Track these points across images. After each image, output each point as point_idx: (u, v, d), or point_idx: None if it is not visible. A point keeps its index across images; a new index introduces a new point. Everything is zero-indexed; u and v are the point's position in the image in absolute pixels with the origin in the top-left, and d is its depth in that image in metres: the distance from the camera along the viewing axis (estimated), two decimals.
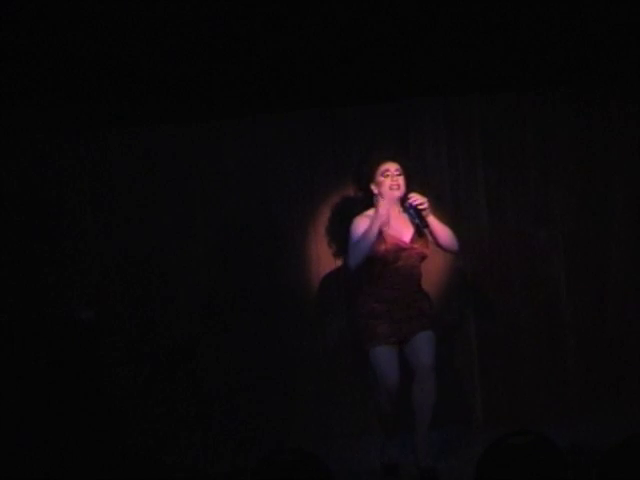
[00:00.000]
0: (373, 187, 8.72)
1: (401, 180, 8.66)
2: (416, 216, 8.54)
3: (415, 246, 8.62)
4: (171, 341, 10.01)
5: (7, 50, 9.46)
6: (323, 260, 10.14)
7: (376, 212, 8.66)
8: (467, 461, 7.97)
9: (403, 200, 8.65)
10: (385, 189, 8.62)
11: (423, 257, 8.71)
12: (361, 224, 8.72)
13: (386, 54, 9.90)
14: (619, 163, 10.07)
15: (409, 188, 8.70)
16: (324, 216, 10.02)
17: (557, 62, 9.85)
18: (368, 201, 8.91)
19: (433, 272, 9.56)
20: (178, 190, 10.18)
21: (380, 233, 8.60)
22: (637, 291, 10.08)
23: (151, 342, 10.07)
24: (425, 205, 8.51)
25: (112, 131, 10.18)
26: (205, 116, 10.34)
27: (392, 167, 8.69)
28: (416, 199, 8.55)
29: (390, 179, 8.65)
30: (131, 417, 9.82)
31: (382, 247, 8.56)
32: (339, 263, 9.75)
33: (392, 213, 8.69)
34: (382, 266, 8.59)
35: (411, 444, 8.77)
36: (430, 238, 8.70)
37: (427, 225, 8.54)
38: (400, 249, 8.59)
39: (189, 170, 10.19)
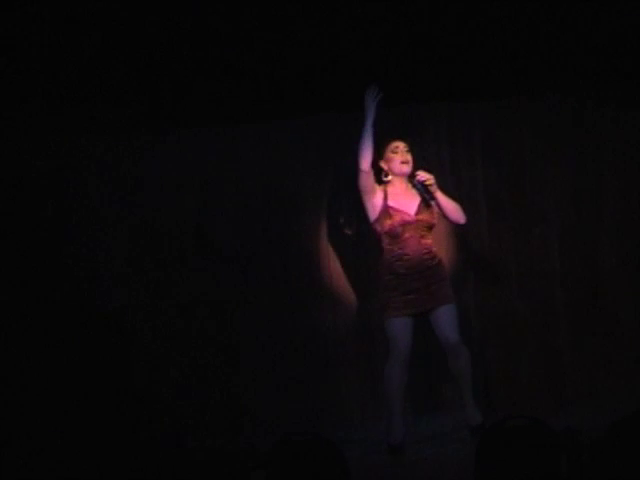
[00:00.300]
0: (382, 163, 9.18)
1: (410, 156, 9.12)
2: (424, 191, 9.02)
3: (421, 217, 9.02)
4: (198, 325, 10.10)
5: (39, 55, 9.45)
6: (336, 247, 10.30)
7: (374, 199, 9.11)
8: (468, 444, 8.40)
9: (411, 177, 9.12)
10: (395, 164, 9.08)
11: (430, 227, 9.12)
12: (373, 200, 9.11)
13: (392, 61, 9.94)
14: (610, 164, 10.26)
15: (415, 166, 9.23)
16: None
17: (553, 69, 9.95)
18: (379, 179, 9.44)
19: None
20: (200, 186, 10.32)
21: (386, 208, 9.04)
22: (628, 282, 10.22)
23: (177, 330, 10.16)
24: (432, 181, 8.97)
25: (143, 133, 10.25)
26: (222, 120, 10.41)
27: (401, 144, 9.16)
28: (423, 175, 9.00)
29: (400, 155, 9.09)
30: (157, 401, 9.90)
31: (388, 222, 9.02)
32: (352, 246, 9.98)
33: (397, 188, 9.16)
34: (391, 239, 9.00)
35: (414, 424, 9.28)
36: (437, 210, 9.14)
37: (435, 199, 9.02)
38: (406, 222, 8.97)
39: (214, 168, 10.31)
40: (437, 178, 9.60)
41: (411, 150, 9.26)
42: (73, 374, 9.56)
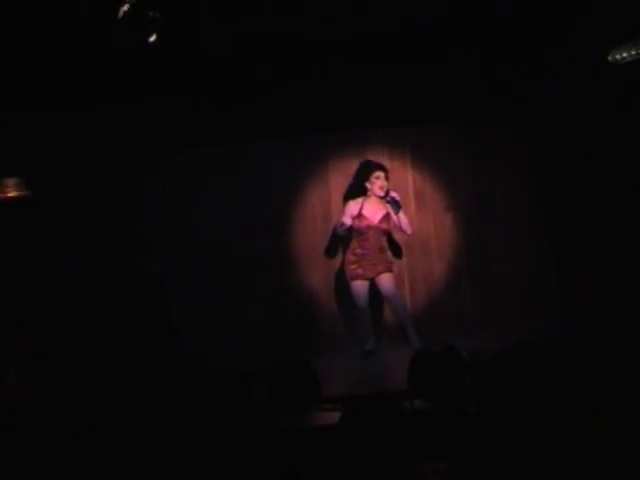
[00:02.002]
0: (367, 184, 10.75)
1: (386, 183, 10.63)
2: (395, 205, 10.51)
3: (381, 225, 10.67)
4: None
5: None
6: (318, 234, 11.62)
7: (353, 206, 10.69)
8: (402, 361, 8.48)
9: (385, 195, 10.55)
10: (376, 188, 10.67)
11: (386, 232, 10.92)
12: (351, 206, 10.73)
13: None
14: (501, 171, 11.60)
15: (390, 187, 10.61)
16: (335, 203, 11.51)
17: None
18: (361, 192, 10.85)
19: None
20: (216, 196, 11.38)
21: (360, 214, 10.61)
22: (507, 250, 11.62)
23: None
24: (397, 197, 10.55)
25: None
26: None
27: (382, 174, 10.74)
28: (395, 195, 10.57)
29: (380, 181, 10.68)
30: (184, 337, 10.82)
31: (358, 223, 10.59)
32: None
33: (372, 203, 10.73)
34: (358, 234, 10.68)
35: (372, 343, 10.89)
36: (397, 221, 10.67)
37: (398, 213, 10.53)
38: (369, 226, 10.65)
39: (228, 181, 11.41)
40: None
41: (386, 177, 10.67)
42: (132, 315, 10.46)
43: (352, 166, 11.37)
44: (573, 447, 6.28)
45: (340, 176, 11.57)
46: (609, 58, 9.60)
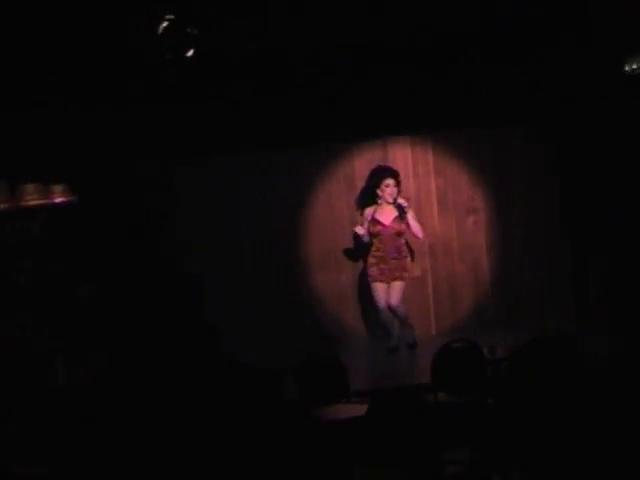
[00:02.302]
0: (378, 191, 10.79)
1: (396, 190, 10.69)
2: (401, 211, 10.56)
3: (393, 226, 10.64)
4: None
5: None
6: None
7: (367, 212, 10.81)
8: (426, 357, 9.29)
9: (395, 200, 10.64)
10: (386, 194, 10.72)
11: (399, 233, 10.77)
12: (367, 211, 10.82)
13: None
14: (517, 179, 11.52)
15: (399, 194, 10.66)
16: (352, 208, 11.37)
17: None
18: (374, 199, 10.86)
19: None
20: (248, 200, 11.39)
21: (374, 219, 10.70)
22: (529, 250, 11.51)
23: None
24: (406, 205, 10.62)
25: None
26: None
27: (391, 182, 10.76)
28: (403, 201, 10.65)
29: (389, 189, 10.72)
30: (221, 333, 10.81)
31: (372, 227, 10.67)
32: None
33: (384, 208, 10.68)
34: (374, 236, 10.70)
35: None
36: (405, 223, 10.60)
37: (405, 217, 10.58)
38: (383, 227, 10.66)
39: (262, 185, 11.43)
40: (405, 185, 11.06)
41: (396, 184, 10.69)
42: (175, 312, 10.61)
43: None
44: (587, 440, 6.68)
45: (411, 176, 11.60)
46: (625, 68, 9.73)
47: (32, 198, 8.44)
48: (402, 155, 11.44)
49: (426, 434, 7.47)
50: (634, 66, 9.54)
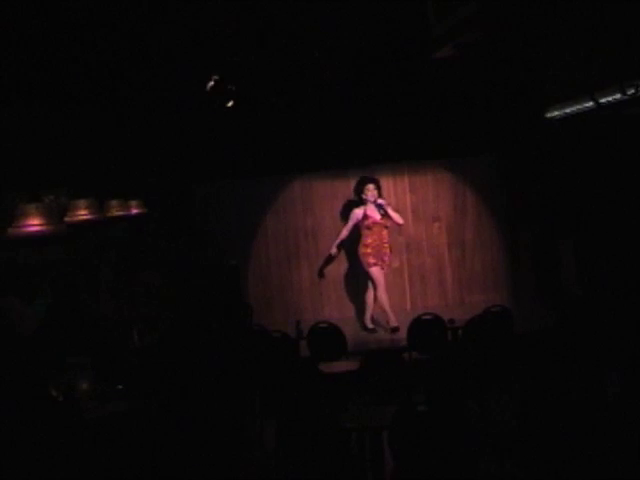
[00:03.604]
0: (362, 195, 10.39)
1: (376, 192, 10.31)
2: (381, 208, 10.20)
3: (381, 221, 10.29)
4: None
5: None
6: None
7: (358, 212, 10.35)
8: (403, 327, 9.37)
9: (375, 200, 10.26)
10: (368, 196, 10.32)
11: (386, 227, 10.33)
12: (355, 212, 10.43)
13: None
14: (469, 196, 11.40)
15: (380, 196, 10.32)
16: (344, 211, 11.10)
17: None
18: (360, 202, 10.49)
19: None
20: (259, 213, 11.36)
21: (366, 215, 10.30)
22: (479, 247, 11.50)
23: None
24: (384, 202, 10.26)
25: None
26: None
27: (371, 186, 10.36)
28: (381, 200, 10.28)
29: (370, 192, 10.33)
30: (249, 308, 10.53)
31: (366, 221, 10.30)
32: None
33: (371, 207, 10.29)
34: (366, 229, 10.30)
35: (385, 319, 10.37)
36: (390, 218, 10.29)
37: (386, 214, 10.20)
38: (374, 222, 10.29)
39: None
40: (390, 200, 10.83)
41: (376, 188, 10.37)
42: (219, 293, 10.48)
43: None
44: (516, 380, 7.11)
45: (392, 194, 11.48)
46: (547, 115, 9.72)
47: (115, 210, 8.35)
48: (385, 177, 11.21)
49: (403, 382, 7.60)
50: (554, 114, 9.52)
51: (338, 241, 10.60)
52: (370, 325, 10.47)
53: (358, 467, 6.39)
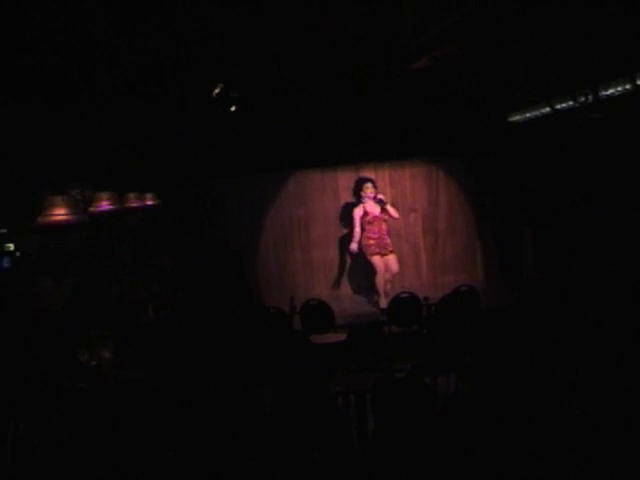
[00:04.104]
0: (362, 193, 10.51)
1: (374, 190, 10.41)
2: (380, 204, 10.30)
3: (380, 215, 10.37)
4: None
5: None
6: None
7: (358, 211, 10.39)
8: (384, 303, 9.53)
9: (375, 196, 10.36)
10: (367, 193, 10.43)
11: (385, 220, 10.40)
12: (356, 211, 10.49)
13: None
14: (442, 190, 11.40)
15: (378, 192, 10.41)
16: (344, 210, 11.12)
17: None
18: (357, 200, 10.68)
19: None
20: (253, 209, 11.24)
21: (366, 212, 10.35)
22: (450, 234, 11.51)
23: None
24: (383, 198, 10.35)
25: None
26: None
27: (370, 185, 10.48)
28: (381, 197, 10.35)
29: (369, 190, 10.44)
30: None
31: (366, 217, 10.35)
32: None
33: (370, 204, 10.38)
34: (367, 224, 10.35)
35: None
36: (388, 213, 10.39)
37: (385, 208, 10.29)
38: (374, 217, 10.38)
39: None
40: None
41: (373, 186, 10.48)
42: (224, 275, 10.50)
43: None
44: (482, 351, 7.01)
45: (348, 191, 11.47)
46: (510, 119, 9.63)
47: (132, 202, 8.39)
48: (368, 173, 11.23)
49: (384, 352, 7.77)
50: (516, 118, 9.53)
51: (356, 238, 10.48)
52: (383, 305, 10.14)
53: (344, 426, 6.51)
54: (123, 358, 7.06)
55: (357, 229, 10.46)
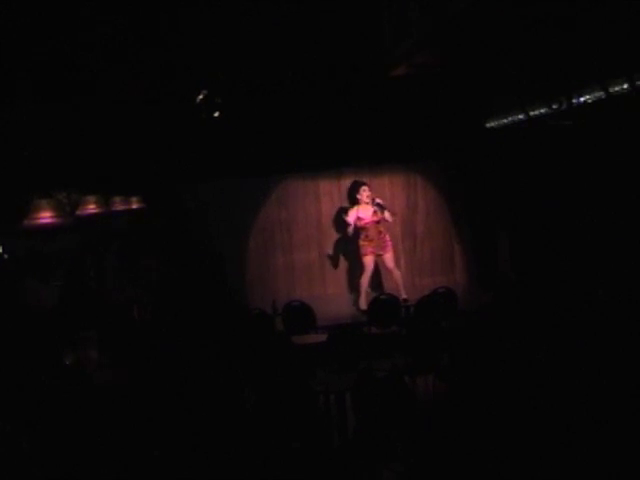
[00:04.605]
0: (358, 195, 10.34)
1: (370, 193, 10.24)
2: (378, 206, 10.12)
3: (373, 219, 10.17)
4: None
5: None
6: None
7: (352, 213, 10.27)
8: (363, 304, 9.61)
9: (373, 200, 10.18)
10: (364, 197, 10.25)
11: (377, 222, 10.18)
12: (350, 212, 10.35)
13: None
14: (420, 196, 11.38)
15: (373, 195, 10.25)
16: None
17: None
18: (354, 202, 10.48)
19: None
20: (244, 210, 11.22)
21: (358, 217, 10.21)
22: (428, 237, 11.43)
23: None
24: (381, 202, 10.18)
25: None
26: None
27: (366, 188, 10.32)
28: (380, 200, 10.19)
29: (365, 192, 10.27)
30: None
31: (359, 222, 10.20)
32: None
33: (363, 208, 10.24)
34: (362, 229, 10.23)
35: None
36: (381, 215, 10.16)
37: (382, 210, 10.12)
38: (367, 223, 10.21)
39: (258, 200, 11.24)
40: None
41: (370, 189, 10.34)
42: (207, 276, 10.37)
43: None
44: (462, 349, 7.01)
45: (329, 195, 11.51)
46: (487, 125, 9.85)
47: (118, 205, 8.39)
48: (350, 179, 11.22)
49: (363, 351, 7.77)
50: (493, 124, 9.62)
51: (351, 224, 10.39)
52: (364, 307, 10.11)
53: (325, 424, 6.57)
54: (108, 358, 7.05)
55: (351, 220, 10.38)
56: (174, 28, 6.37)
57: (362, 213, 10.28)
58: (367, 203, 10.26)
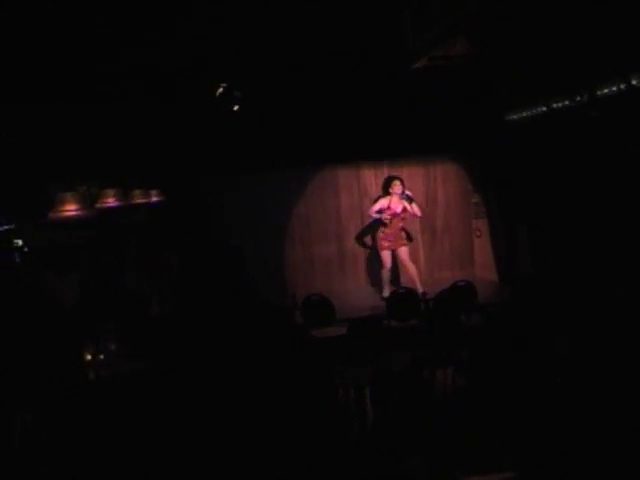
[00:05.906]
0: (390, 189, 10.31)
1: (402, 187, 10.22)
2: (407, 199, 10.14)
3: (401, 214, 10.20)
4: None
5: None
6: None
7: (383, 201, 10.28)
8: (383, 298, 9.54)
9: (403, 192, 10.19)
10: (396, 189, 10.23)
11: (404, 218, 10.25)
12: (380, 200, 10.36)
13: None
14: (440, 189, 11.39)
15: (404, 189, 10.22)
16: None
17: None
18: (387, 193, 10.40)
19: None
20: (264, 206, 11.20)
21: (389, 207, 10.20)
22: (447, 231, 11.57)
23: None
24: (411, 195, 10.24)
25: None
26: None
27: (398, 182, 10.29)
28: (409, 193, 10.21)
29: (397, 186, 10.25)
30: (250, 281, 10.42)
31: (388, 212, 10.17)
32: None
33: (395, 200, 10.24)
34: (386, 219, 10.20)
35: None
36: (410, 210, 10.19)
37: (410, 202, 10.15)
38: (395, 214, 10.20)
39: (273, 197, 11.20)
40: (371, 190, 10.89)
41: (401, 184, 10.26)
42: (226, 268, 10.17)
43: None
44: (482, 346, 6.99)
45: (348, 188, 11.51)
46: (506, 117, 9.76)
47: (137, 198, 8.40)
48: (368, 172, 11.26)
49: (382, 345, 7.73)
50: (513, 117, 9.52)
51: (375, 210, 10.38)
52: (386, 293, 10.24)
53: (345, 416, 6.52)
54: (128, 351, 7.03)
55: (375, 207, 10.38)
56: (192, 20, 6.31)
57: (393, 204, 10.25)
58: (398, 195, 10.24)
